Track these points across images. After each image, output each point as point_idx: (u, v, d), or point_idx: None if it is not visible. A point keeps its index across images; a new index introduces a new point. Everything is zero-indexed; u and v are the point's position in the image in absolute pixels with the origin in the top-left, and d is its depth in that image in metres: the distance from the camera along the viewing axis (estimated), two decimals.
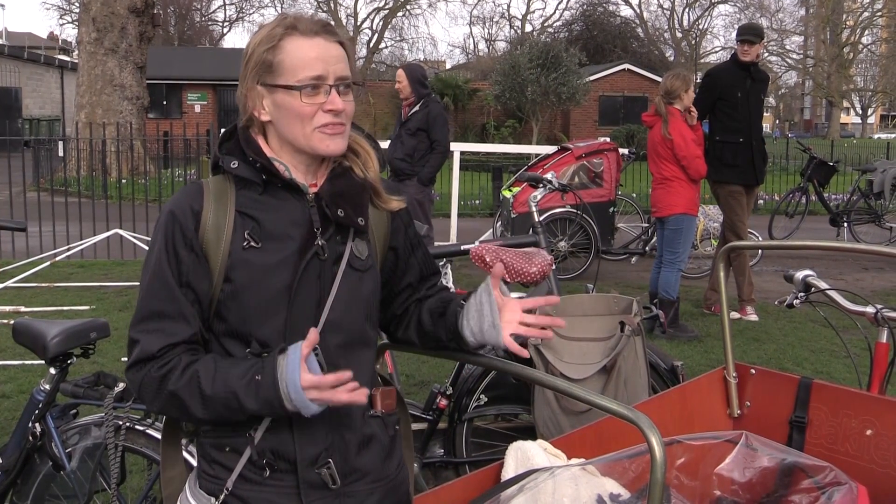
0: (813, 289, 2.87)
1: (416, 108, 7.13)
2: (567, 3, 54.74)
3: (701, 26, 57.31)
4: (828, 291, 2.85)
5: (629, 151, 11.57)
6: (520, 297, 1.76)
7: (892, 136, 51.31)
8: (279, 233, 1.67)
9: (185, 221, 1.65)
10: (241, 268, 1.64)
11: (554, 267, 3.90)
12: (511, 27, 58.64)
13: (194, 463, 1.80)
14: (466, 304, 1.75)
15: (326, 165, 1.76)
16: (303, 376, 1.52)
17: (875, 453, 2.21)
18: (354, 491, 1.71)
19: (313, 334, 1.53)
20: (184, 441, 1.85)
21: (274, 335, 1.65)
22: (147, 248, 1.73)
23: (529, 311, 1.72)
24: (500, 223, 9.89)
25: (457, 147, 11.31)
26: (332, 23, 1.76)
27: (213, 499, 1.67)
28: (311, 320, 1.66)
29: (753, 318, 7.14)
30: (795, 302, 2.89)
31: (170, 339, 1.62)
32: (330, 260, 1.69)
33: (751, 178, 7.00)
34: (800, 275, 2.92)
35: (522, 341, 1.69)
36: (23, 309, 7.18)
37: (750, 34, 6.99)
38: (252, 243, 1.65)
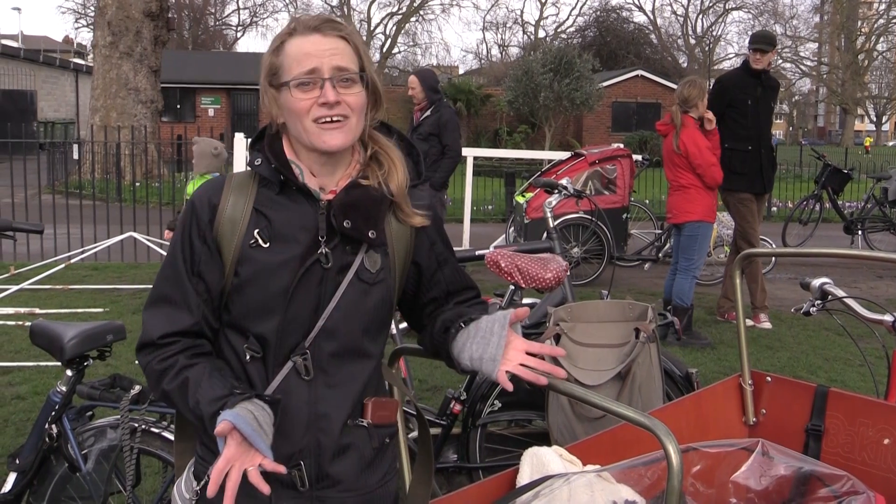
0: (830, 297, 2.87)
1: (428, 112, 7.13)
2: (581, 9, 54.95)
3: (715, 33, 57.39)
4: (845, 299, 2.85)
5: (642, 158, 11.54)
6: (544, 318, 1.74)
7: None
8: (287, 234, 1.69)
9: (201, 213, 1.71)
10: (247, 263, 1.68)
11: (568, 273, 3.90)
12: (524, 33, 58.74)
13: None
14: (471, 327, 1.73)
15: (348, 171, 1.76)
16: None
17: (892, 462, 2.20)
18: (325, 497, 1.72)
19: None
20: None
21: (269, 334, 1.68)
22: (160, 250, 1.78)
23: (533, 355, 1.69)
24: (512, 228, 9.89)
25: (470, 152, 11.30)
26: (338, 18, 1.76)
27: (195, 482, 1.73)
28: (306, 325, 1.68)
29: (767, 325, 7.11)
30: (812, 310, 2.88)
31: (170, 327, 1.68)
32: (334, 269, 1.69)
33: (759, 185, 6.99)
34: (817, 282, 2.91)
35: (512, 376, 1.67)
36: (37, 311, 7.22)
37: (762, 42, 6.96)
38: (259, 242, 1.68)
